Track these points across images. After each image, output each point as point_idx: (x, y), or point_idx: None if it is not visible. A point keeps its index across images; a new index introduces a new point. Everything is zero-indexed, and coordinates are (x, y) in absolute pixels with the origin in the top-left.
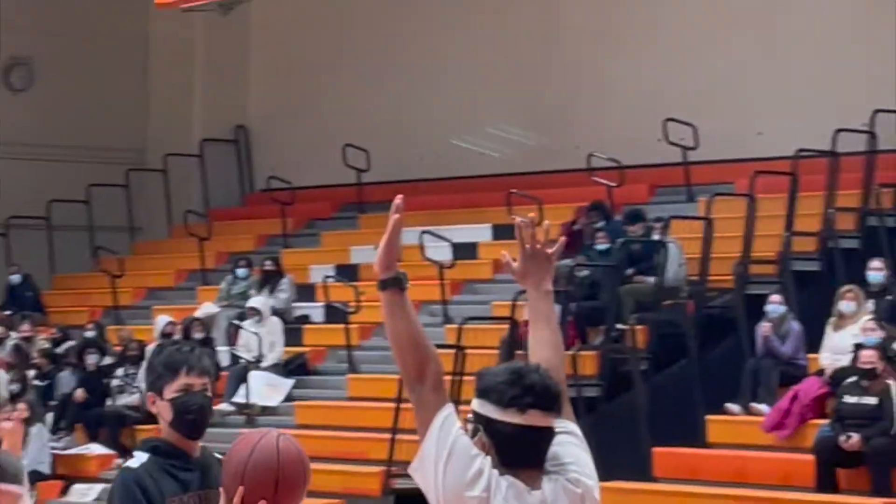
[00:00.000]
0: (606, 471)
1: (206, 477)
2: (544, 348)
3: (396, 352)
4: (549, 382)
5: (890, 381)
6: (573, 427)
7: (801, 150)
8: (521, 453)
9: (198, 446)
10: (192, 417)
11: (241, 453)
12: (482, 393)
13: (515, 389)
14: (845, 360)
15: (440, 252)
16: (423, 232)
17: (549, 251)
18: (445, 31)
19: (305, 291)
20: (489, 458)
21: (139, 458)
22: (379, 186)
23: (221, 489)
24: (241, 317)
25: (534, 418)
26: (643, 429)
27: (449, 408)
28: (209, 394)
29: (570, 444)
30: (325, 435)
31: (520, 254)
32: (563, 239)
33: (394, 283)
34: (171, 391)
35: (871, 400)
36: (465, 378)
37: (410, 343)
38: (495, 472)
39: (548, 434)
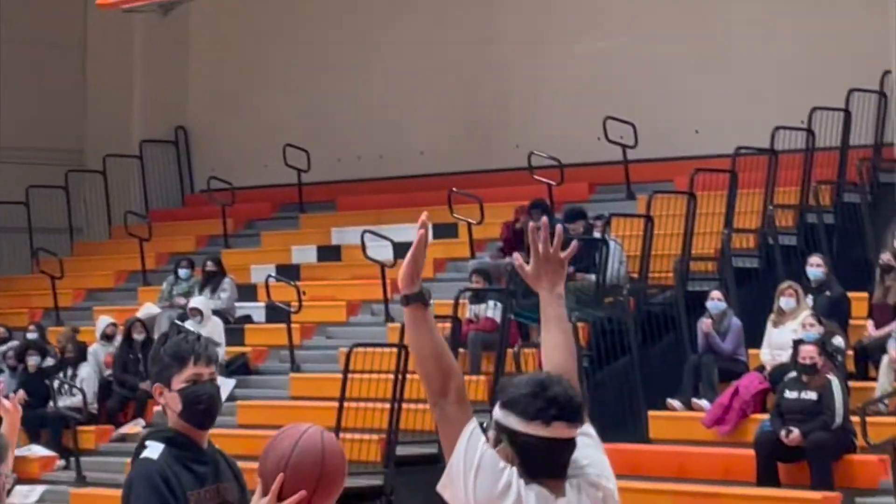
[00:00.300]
0: None
1: (218, 470)
2: (558, 352)
3: (420, 366)
4: (572, 394)
5: (830, 376)
6: (588, 428)
7: (741, 148)
8: (545, 464)
9: (206, 438)
10: (203, 407)
11: (283, 446)
12: (506, 405)
13: (539, 402)
14: (785, 356)
15: (381, 251)
16: (365, 231)
17: (563, 255)
18: (384, 31)
19: (247, 291)
20: (515, 469)
21: (155, 449)
22: (319, 186)
23: (259, 479)
24: (183, 317)
25: (558, 430)
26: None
27: (474, 422)
28: (217, 382)
29: (585, 447)
30: (267, 434)
31: (532, 257)
32: (575, 244)
33: (417, 298)
34: (179, 381)
35: (812, 395)
36: (409, 377)
37: (434, 357)
38: (522, 482)
39: (571, 444)
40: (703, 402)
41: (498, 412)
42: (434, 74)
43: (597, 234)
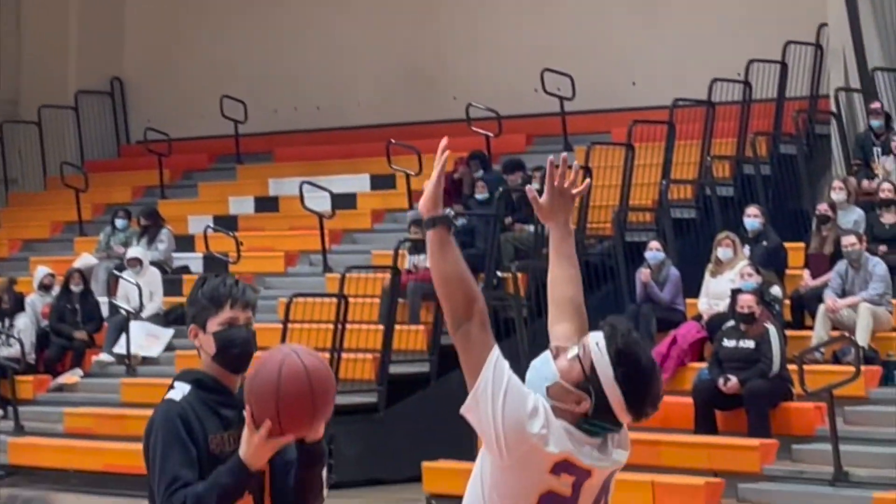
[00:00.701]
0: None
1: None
2: (568, 286)
3: (444, 290)
4: (661, 394)
5: (767, 325)
6: None
7: (678, 100)
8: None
9: (238, 382)
10: (237, 352)
11: (268, 375)
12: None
13: (646, 395)
14: (723, 306)
15: (319, 202)
16: (303, 182)
17: (575, 191)
18: None
19: (184, 242)
20: (542, 398)
21: (181, 390)
22: (256, 137)
23: (247, 412)
24: (120, 267)
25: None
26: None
27: (497, 348)
28: (253, 328)
29: None
30: None
31: (547, 191)
32: (587, 181)
33: (443, 221)
34: (215, 324)
35: (749, 344)
36: (348, 326)
37: (459, 280)
38: (549, 410)
39: None
40: None
41: (599, 341)
42: (372, 26)
43: (534, 186)
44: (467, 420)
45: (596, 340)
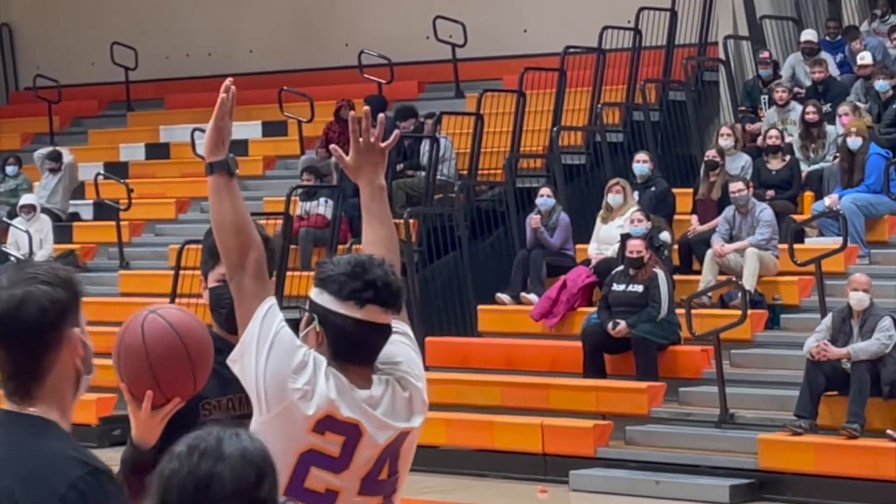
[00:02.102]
0: None
1: None
2: (379, 247)
3: (219, 236)
4: (391, 278)
5: (656, 270)
6: (405, 328)
7: (569, 47)
8: (354, 348)
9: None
10: (226, 312)
11: (133, 342)
12: (321, 282)
13: (356, 283)
14: (612, 251)
15: None
16: (194, 129)
17: (383, 145)
18: None
19: (75, 190)
20: (313, 352)
21: None
22: (147, 84)
23: (124, 388)
24: (11, 214)
25: (372, 314)
26: (415, 320)
27: (272, 299)
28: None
29: (401, 344)
30: (98, 331)
31: (352, 147)
32: (398, 132)
33: (222, 167)
34: (212, 279)
35: (638, 288)
36: None
37: (234, 228)
38: (322, 364)
39: (385, 331)
40: (532, 296)
41: (313, 291)
42: None
43: (427, 132)
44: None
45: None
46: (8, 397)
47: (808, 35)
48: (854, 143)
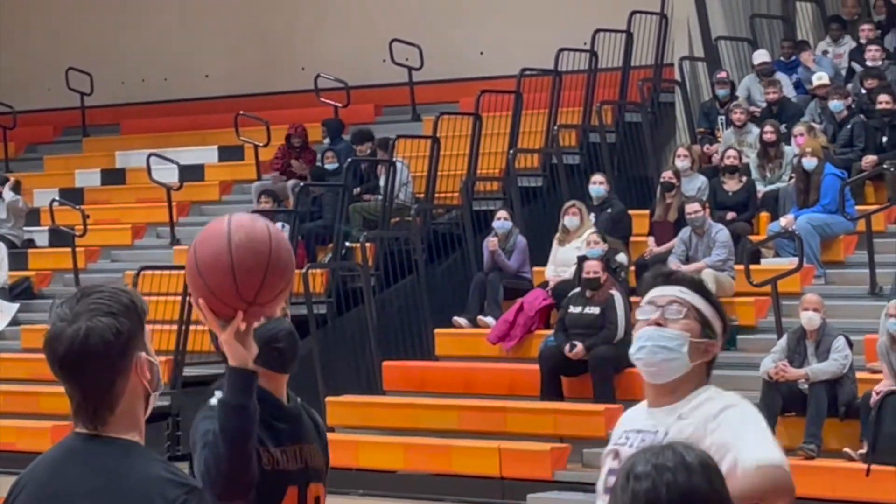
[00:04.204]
0: (336, 386)
1: (301, 428)
2: None
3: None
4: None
5: (613, 292)
6: None
7: (525, 69)
8: None
9: (285, 387)
10: (283, 346)
11: (217, 244)
12: None
13: None
14: (569, 273)
15: (167, 174)
16: (150, 155)
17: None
18: None
19: (30, 216)
20: None
21: None
22: (103, 110)
23: (202, 306)
24: None
25: None
26: (373, 343)
27: None
28: (289, 318)
29: None
30: None
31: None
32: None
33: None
34: None
35: (595, 310)
36: None
37: None
38: None
39: None
40: (489, 319)
41: None
42: None
43: (383, 156)
44: None
45: None
46: (82, 424)
47: (762, 56)
48: (809, 163)
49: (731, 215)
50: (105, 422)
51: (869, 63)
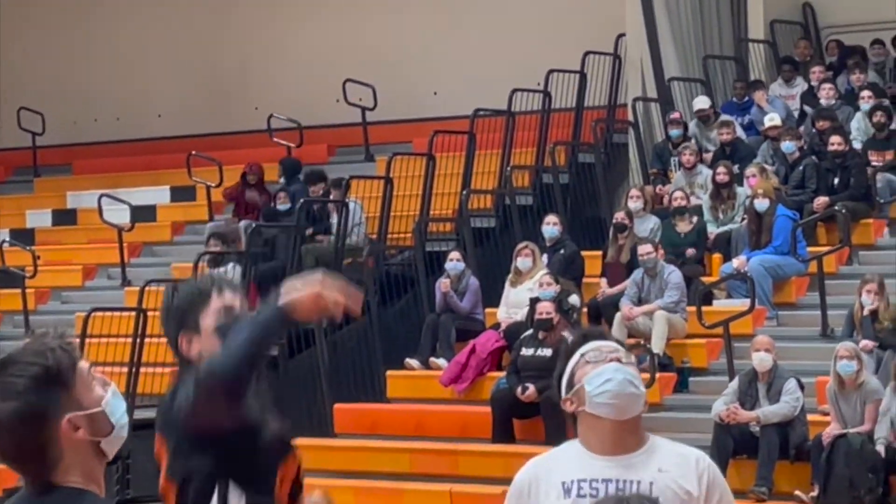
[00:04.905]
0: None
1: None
2: None
3: None
4: None
5: (565, 333)
6: None
7: (479, 110)
8: None
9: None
10: None
11: None
12: None
13: None
14: (521, 315)
15: (119, 215)
16: (102, 195)
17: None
18: None
19: None
20: None
21: None
22: (54, 149)
23: None
24: None
25: None
26: (324, 386)
27: None
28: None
29: None
30: None
31: None
32: None
33: None
34: (209, 318)
35: (547, 352)
36: (147, 341)
37: None
38: None
39: None
40: (441, 361)
41: None
42: (173, 35)
43: (336, 197)
44: None
45: None
46: (29, 481)
47: (701, 102)
48: (761, 204)
49: (690, 251)
50: (51, 476)
51: (823, 102)
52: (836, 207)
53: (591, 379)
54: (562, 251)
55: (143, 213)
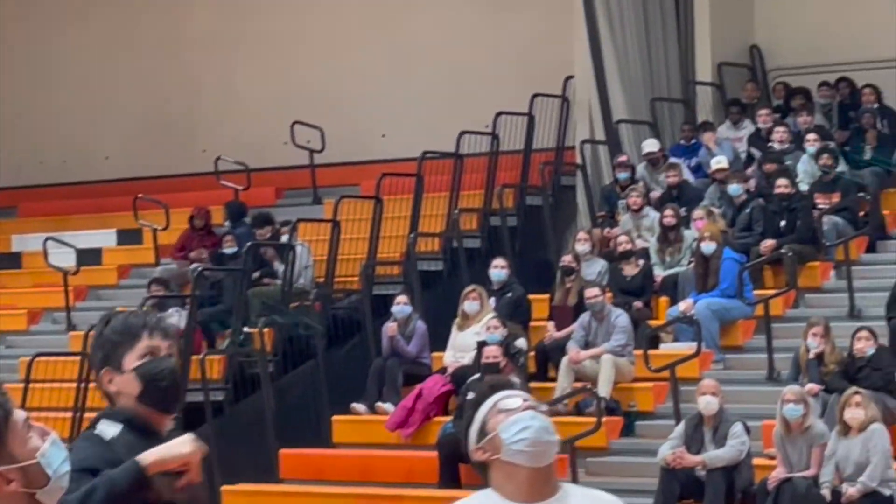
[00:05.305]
0: (233, 473)
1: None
2: None
3: None
4: None
5: (512, 377)
6: None
7: (427, 152)
8: None
9: (169, 425)
10: (165, 384)
11: None
12: None
13: None
14: (468, 358)
15: (64, 258)
16: (47, 238)
17: None
18: (66, 31)
19: None
20: None
21: (111, 430)
22: (0, 192)
23: None
24: None
25: None
26: (270, 431)
27: None
28: (176, 359)
29: None
30: None
31: None
32: None
33: None
34: (133, 359)
35: None
36: (91, 385)
37: None
38: None
39: None
40: (387, 406)
41: None
42: (120, 77)
43: (284, 239)
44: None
45: None
46: None
47: (650, 146)
48: (708, 247)
49: (637, 304)
50: None
51: (776, 145)
52: (783, 250)
53: (507, 427)
54: (509, 294)
55: (88, 257)
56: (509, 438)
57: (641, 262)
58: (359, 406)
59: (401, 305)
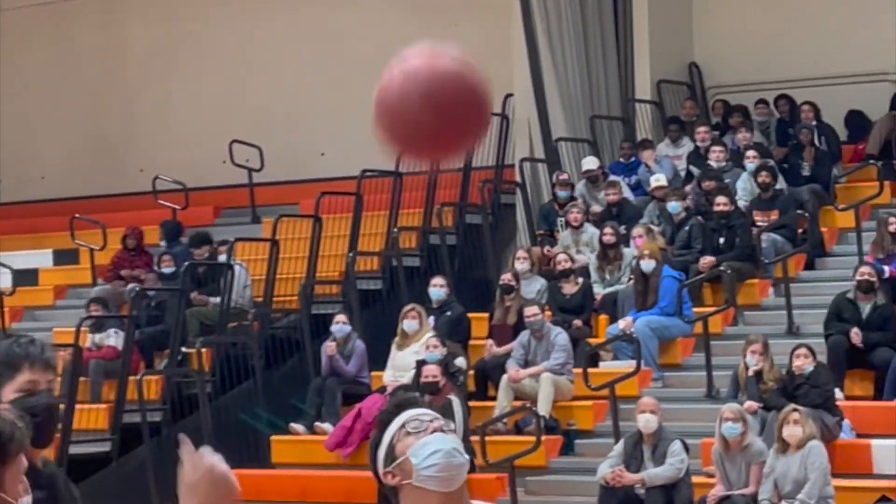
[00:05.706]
0: (170, 495)
1: (55, 497)
2: None
3: None
4: None
5: (451, 396)
6: None
7: (366, 171)
8: None
9: (41, 457)
10: (39, 420)
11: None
12: None
13: None
14: (408, 378)
15: (0, 279)
16: None
17: None
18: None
19: None
20: None
21: None
22: None
23: None
24: None
25: None
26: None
27: None
28: (55, 392)
29: None
30: None
31: None
32: None
33: None
34: (10, 391)
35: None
36: None
37: None
38: None
39: None
40: (326, 426)
41: None
42: (56, 95)
43: (222, 259)
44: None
45: None
46: None
47: (589, 163)
48: (647, 265)
49: (576, 322)
50: None
51: (713, 164)
52: (722, 268)
53: (417, 451)
54: (448, 313)
55: (24, 277)
56: (420, 464)
57: (581, 280)
58: (298, 426)
59: (340, 324)
